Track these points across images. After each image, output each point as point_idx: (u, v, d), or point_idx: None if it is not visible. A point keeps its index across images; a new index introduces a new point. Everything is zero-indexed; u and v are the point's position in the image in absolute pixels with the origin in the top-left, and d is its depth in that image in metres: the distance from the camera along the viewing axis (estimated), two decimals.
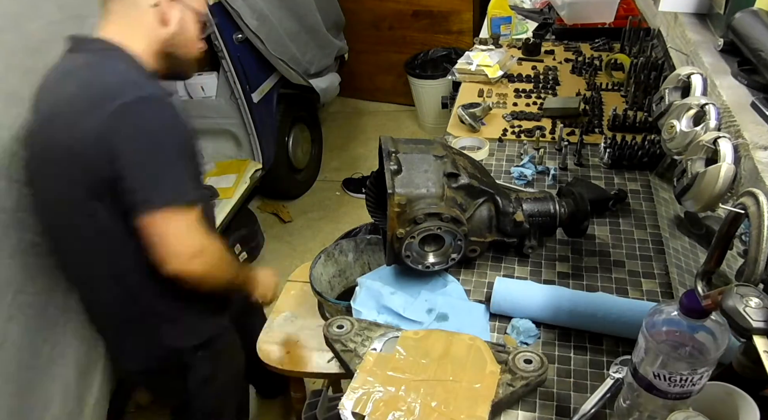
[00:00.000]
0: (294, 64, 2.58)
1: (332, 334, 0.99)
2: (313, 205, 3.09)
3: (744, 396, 0.70)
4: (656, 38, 1.82)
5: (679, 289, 1.04)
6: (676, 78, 0.98)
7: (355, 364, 0.92)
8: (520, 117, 1.66)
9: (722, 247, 0.72)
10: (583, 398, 0.87)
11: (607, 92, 1.74)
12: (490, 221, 1.11)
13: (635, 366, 0.72)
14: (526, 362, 0.90)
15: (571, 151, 1.46)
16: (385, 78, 3.74)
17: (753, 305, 0.58)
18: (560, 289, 1.03)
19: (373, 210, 1.22)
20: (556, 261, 1.17)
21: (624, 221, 1.25)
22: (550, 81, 1.82)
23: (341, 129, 3.68)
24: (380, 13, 3.48)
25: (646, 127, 1.51)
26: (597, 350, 0.97)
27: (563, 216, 1.13)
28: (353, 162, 3.38)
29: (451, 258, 1.07)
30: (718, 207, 0.77)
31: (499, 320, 1.04)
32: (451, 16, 3.37)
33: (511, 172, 1.42)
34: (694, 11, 1.21)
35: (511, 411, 0.88)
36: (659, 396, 0.70)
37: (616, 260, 1.15)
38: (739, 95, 0.88)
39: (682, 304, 0.66)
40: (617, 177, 1.39)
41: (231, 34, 2.31)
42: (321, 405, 0.88)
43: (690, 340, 0.67)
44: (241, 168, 2.61)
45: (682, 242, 1.13)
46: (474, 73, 1.87)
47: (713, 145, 0.77)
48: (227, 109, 2.53)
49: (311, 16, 2.69)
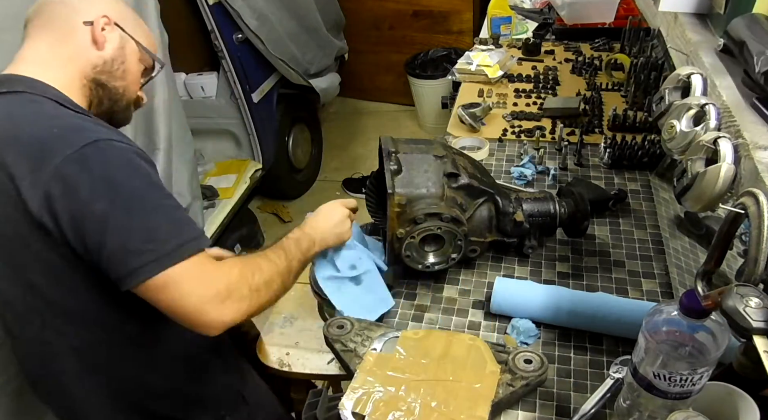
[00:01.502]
0: (294, 64, 2.58)
1: (332, 334, 0.99)
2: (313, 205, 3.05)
3: (744, 396, 0.70)
4: (656, 38, 1.82)
5: (679, 289, 1.04)
6: (676, 78, 0.98)
7: (355, 364, 0.92)
8: (520, 117, 1.66)
9: (722, 247, 0.71)
10: (583, 398, 0.87)
11: (607, 92, 1.74)
12: (490, 221, 1.11)
13: (635, 366, 0.72)
14: (526, 362, 0.90)
15: (571, 151, 1.46)
16: (385, 78, 3.74)
17: (753, 305, 0.58)
18: (560, 289, 1.03)
19: (373, 210, 1.22)
20: (556, 261, 1.17)
21: (624, 221, 1.25)
22: (550, 81, 1.82)
23: (341, 129, 3.68)
24: (380, 13, 3.48)
25: (646, 127, 1.51)
26: (597, 350, 0.97)
27: (563, 216, 1.13)
28: (353, 162, 3.38)
29: (451, 258, 1.07)
30: (718, 207, 0.77)
31: (499, 320, 1.04)
32: (451, 16, 3.37)
33: (511, 172, 1.42)
34: (694, 11, 1.21)
35: (511, 411, 0.88)
36: (659, 396, 0.70)
37: (616, 260, 1.15)
38: (739, 95, 0.88)
39: (682, 304, 0.66)
40: (617, 177, 1.39)
41: (231, 34, 2.31)
42: (321, 405, 0.88)
43: (690, 340, 0.67)
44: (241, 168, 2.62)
45: (682, 242, 1.13)
46: (474, 73, 1.87)
47: (713, 145, 0.77)
48: (227, 109, 2.54)
49: (311, 16, 2.69)
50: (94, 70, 0.94)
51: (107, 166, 0.80)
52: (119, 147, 0.83)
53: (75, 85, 0.93)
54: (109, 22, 0.95)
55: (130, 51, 0.99)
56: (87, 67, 0.94)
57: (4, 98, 0.86)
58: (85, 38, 0.93)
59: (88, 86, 0.95)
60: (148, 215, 0.81)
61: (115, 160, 0.82)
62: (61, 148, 0.79)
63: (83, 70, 0.93)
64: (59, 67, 0.91)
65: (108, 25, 0.95)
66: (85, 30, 0.93)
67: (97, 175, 0.79)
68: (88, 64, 0.94)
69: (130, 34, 0.99)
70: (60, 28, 0.93)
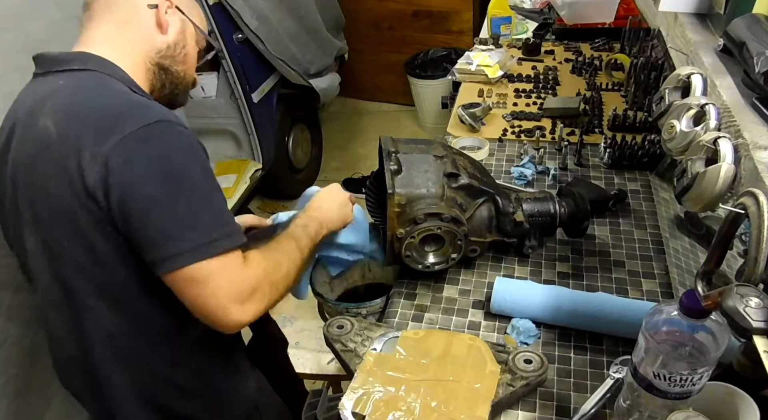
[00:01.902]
0: (294, 64, 2.58)
1: (332, 334, 0.99)
2: None
3: (744, 396, 0.70)
4: (656, 38, 1.82)
5: (679, 289, 1.04)
6: (676, 78, 0.98)
7: (355, 364, 0.92)
8: (520, 117, 1.66)
9: (722, 247, 0.72)
10: (583, 398, 0.87)
11: (607, 92, 1.74)
12: (490, 221, 1.11)
13: (635, 366, 0.72)
14: (526, 362, 0.90)
15: (571, 151, 1.46)
16: (385, 78, 3.74)
17: (753, 305, 0.58)
18: (560, 289, 1.03)
19: (373, 210, 1.22)
20: (556, 261, 1.17)
21: (624, 221, 1.25)
22: (550, 81, 1.82)
23: (341, 129, 3.69)
24: (380, 13, 3.49)
25: (646, 127, 1.51)
26: (597, 350, 0.97)
27: (563, 216, 1.13)
28: (353, 162, 3.38)
29: (451, 258, 1.07)
30: (718, 207, 0.77)
31: (499, 320, 1.04)
32: (451, 16, 3.37)
33: (511, 172, 1.42)
34: (694, 11, 1.21)
35: (511, 411, 0.88)
36: (659, 396, 0.70)
37: (616, 260, 1.15)
38: (739, 95, 0.88)
39: (682, 304, 0.66)
40: (617, 177, 1.39)
41: (231, 34, 2.31)
42: (321, 405, 0.88)
43: (690, 340, 0.67)
44: (241, 168, 2.61)
45: (682, 242, 1.13)
46: (474, 73, 1.87)
47: (713, 145, 0.77)
48: (227, 109, 2.53)
49: (311, 16, 2.69)
50: (158, 54, 0.95)
51: (168, 147, 0.81)
52: (183, 131, 0.84)
53: (140, 69, 0.94)
54: (171, 5, 0.96)
55: (189, 34, 1.00)
56: (152, 51, 0.94)
57: (75, 75, 0.87)
58: (149, 21, 0.93)
59: (152, 70, 0.95)
60: (195, 203, 0.81)
61: (177, 142, 0.83)
62: (128, 122, 0.79)
63: (148, 54, 0.94)
64: (126, 50, 0.92)
65: (170, 8, 0.95)
66: (149, 13, 0.93)
67: (156, 154, 0.80)
68: (153, 48, 0.94)
69: (188, 15, 0.99)
70: (124, 11, 0.93)
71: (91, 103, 0.83)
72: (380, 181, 1.12)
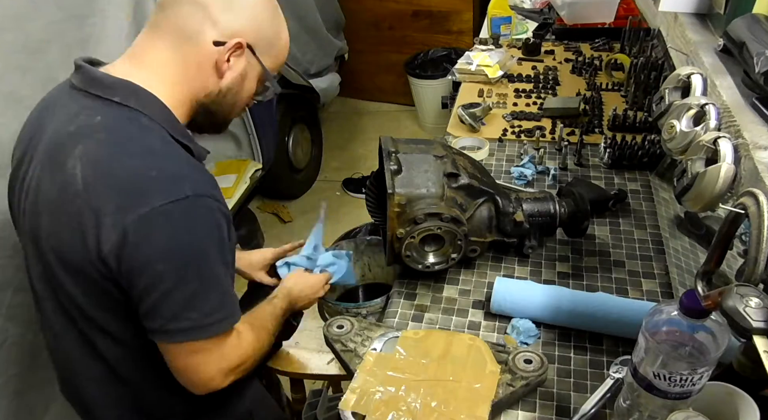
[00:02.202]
0: (294, 64, 2.58)
1: (332, 334, 0.99)
2: (313, 205, 3.08)
3: (744, 396, 0.70)
4: (656, 38, 1.82)
5: (679, 289, 1.04)
6: (676, 78, 0.98)
7: (355, 364, 0.92)
8: (520, 117, 1.66)
9: (722, 247, 0.71)
10: (583, 398, 0.87)
11: (607, 92, 1.74)
12: (490, 221, 1.11)
13: (635, 366, 0.72)
14: (526, 362, 0.90)
15: (571, 151, 1.46)
16: (385, 78, 3.74)
17: (753, 305, 0.58)
18: (560, 289, 1.03)
19: (373, 210, 1.22)
20: (556, 261, 1.17)
21: (624, 221, 1.25)
22: (550, 81, 1.82)
23: (341, 129, 3.68)
24: (380, 13, 3.48)
25: (646, 127, 1.51)
26: (597, 350, 0.97)
27: (563, 216, 1.13)
28: (353, 162, 3.38)
29: (451, 258, 1.07)
30: (718, 207, 0.77)
31: (499, 320, 1.04)
32: (451, 16, 3.37)
33: (511, 172, 1.42)
34: (694, 11, 1.21)
35: (511, 411, 0.88)
36: (659, 396, 0.70)
37: (616, 260, 1.15)
38: (739, 95, 0.88)
39: (682, 304, 0.66)
40: (617, 177, 1.39)
41: None
42: (321, 405, 0.88)
43: (690, 340, 0.67)
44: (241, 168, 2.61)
45: (682, 242, 1.13)
46: (474, 73, 1.87)
47: (713, 145, 0.77)
48: None
49: (311, 16, 2.69)
50: (207, 97, 0.89)
51: (190, 226, 0.79)
52: (209, 206, 0.81)
53: (185, 105, 0.88)
54: (241, 46, 0.86)
55: (251, 78, 0.92)
56: (201, 92, 0.88)
57: (114, 112, 0.82)
58: (209, 59, 0.85)
59: (195, 108, 0.90)
60: (202, 287, 0.82)
61: (201, 220, 0.81)
62: (156, 195, 0.77)
63: (196, 94, 0.88)
64: (176, 85, 0.86)
65: (237, 49, 0.86)
66: (212, 50, 0.85)
67: (176, 233, 0.78)
68: (203, 90, 0.88)
69: (259, 57, 0.89)
70: (189, 37, 0.84)
71: (123, 164, 0.79)
72: (380, 181, 1.12)
